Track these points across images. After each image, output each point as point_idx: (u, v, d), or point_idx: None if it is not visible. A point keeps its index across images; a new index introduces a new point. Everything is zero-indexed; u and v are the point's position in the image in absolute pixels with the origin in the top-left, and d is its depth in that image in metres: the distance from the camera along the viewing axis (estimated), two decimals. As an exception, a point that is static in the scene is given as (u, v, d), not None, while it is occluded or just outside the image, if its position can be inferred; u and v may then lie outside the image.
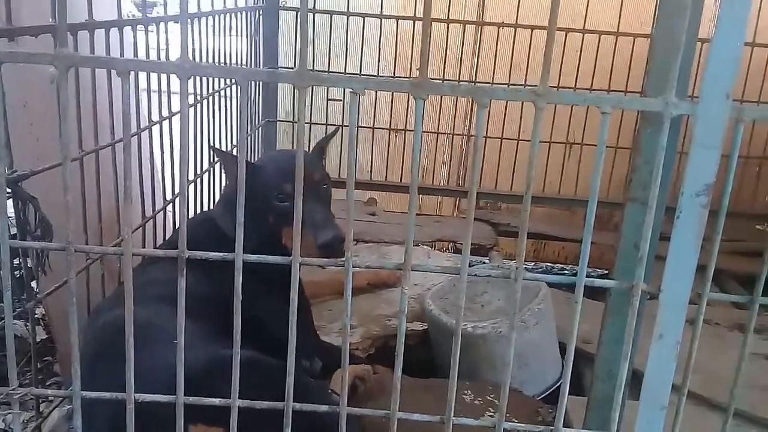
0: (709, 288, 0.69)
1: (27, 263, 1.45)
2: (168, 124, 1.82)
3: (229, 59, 2.33)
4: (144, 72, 1.00)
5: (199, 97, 2.03)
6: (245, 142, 2.53)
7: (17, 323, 2.09)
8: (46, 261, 1.45)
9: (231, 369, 0.69)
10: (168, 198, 2.00)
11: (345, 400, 0.71)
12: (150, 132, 1.74)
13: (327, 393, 1.46)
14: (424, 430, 1.43)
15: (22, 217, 1.34)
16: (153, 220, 1.85)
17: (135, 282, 0.71)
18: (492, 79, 3.05)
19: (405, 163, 3.15)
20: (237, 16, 2.46)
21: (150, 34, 1.77)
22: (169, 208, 2.00)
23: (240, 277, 0.67)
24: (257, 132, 2.81)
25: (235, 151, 2.12)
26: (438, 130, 3.23)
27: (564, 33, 2.85)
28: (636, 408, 0.71)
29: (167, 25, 1.79)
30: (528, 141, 0.59)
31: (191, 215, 2.00)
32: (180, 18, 0.63)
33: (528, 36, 2.91)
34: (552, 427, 0.71)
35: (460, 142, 3.35)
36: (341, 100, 3.14)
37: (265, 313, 1.54)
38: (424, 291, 2.11)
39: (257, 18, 2.70)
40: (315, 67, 3.06)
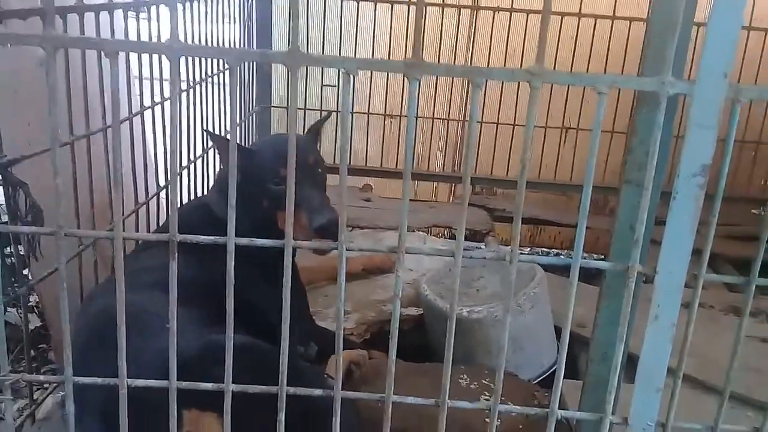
0: (705, 271, 0.69)
1: (19, 250, 1.45)
2: (161, 109, 1.81)
3: (222, 45, 2.31)
4: (134, 53, 0.99)
5: (192, 83, 2.01)
6: (236, 125, 2.51)
7: (11, 311, 2.08)
8: (37, 246, 1.44)
9: (224, 354, 0.69)
10: (163, 184, 1.99)
11: (339, 384, 0.70)
12: (142, 117, 1.73)
13: (322, 378, 1.46)
14: (419, 414, 1.44)
15: (12, 203, 1.33)
16: (146, 205, 1.85)
17: (128, 269, 0.70)
18: (487, 66, 3.04)
19: (400, 150, 3.14)
20: (230, 2, 2.44)
21: (142, 21, 1.75)
22: (163, 193, 1.99)
23: (233, 261, 0.67)
24: (252, 118, 2.79)
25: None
26: (433, 116, 3.22)
27: (560, 17, 2.84)
28: (631, 390, 0.70)
29: (159, 9, 1.77)
30: (524, 126, 0.58)
31: (186, 201, 1.99)
32: (169, 1, 0.62)
33: (523, 23, 2.90)
34: (548, 410, 0.71)
35: (455, 128, 3.34)
36: (336, 85, 3.13)
37: (260, 298, 1.54)
38: (419, 276, 2.11)
39: (250, 4, 2.68)
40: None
